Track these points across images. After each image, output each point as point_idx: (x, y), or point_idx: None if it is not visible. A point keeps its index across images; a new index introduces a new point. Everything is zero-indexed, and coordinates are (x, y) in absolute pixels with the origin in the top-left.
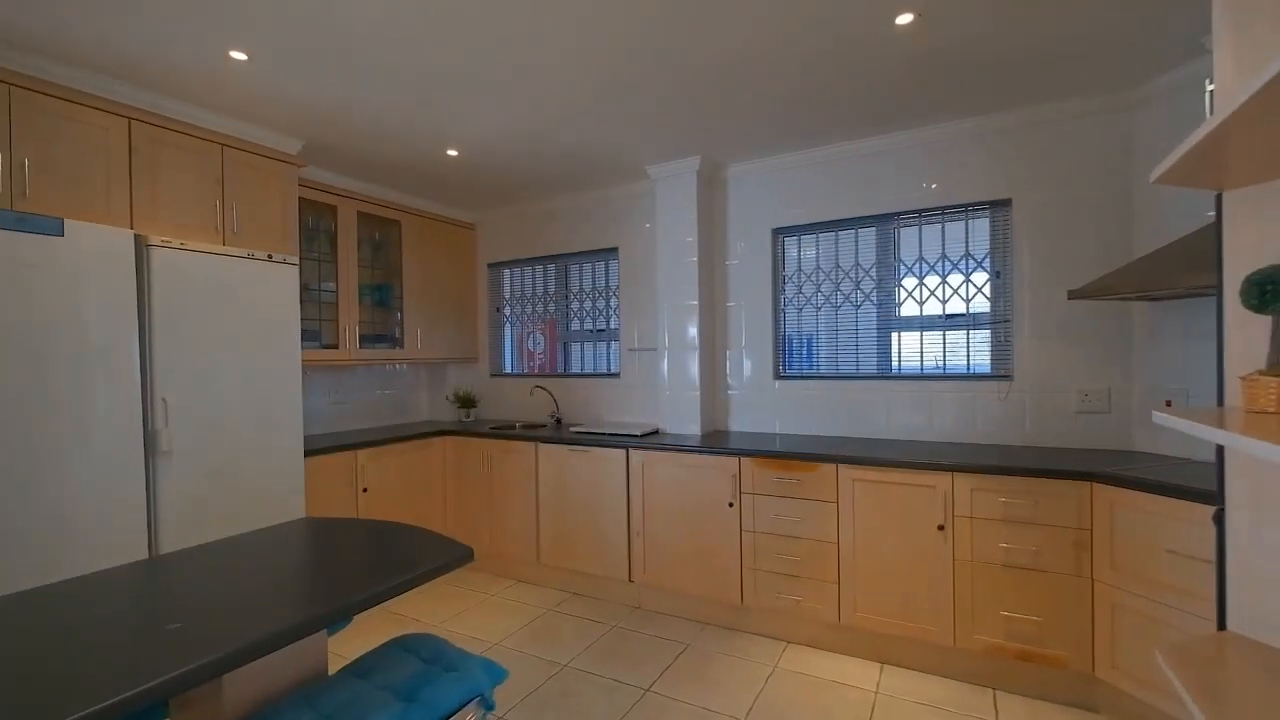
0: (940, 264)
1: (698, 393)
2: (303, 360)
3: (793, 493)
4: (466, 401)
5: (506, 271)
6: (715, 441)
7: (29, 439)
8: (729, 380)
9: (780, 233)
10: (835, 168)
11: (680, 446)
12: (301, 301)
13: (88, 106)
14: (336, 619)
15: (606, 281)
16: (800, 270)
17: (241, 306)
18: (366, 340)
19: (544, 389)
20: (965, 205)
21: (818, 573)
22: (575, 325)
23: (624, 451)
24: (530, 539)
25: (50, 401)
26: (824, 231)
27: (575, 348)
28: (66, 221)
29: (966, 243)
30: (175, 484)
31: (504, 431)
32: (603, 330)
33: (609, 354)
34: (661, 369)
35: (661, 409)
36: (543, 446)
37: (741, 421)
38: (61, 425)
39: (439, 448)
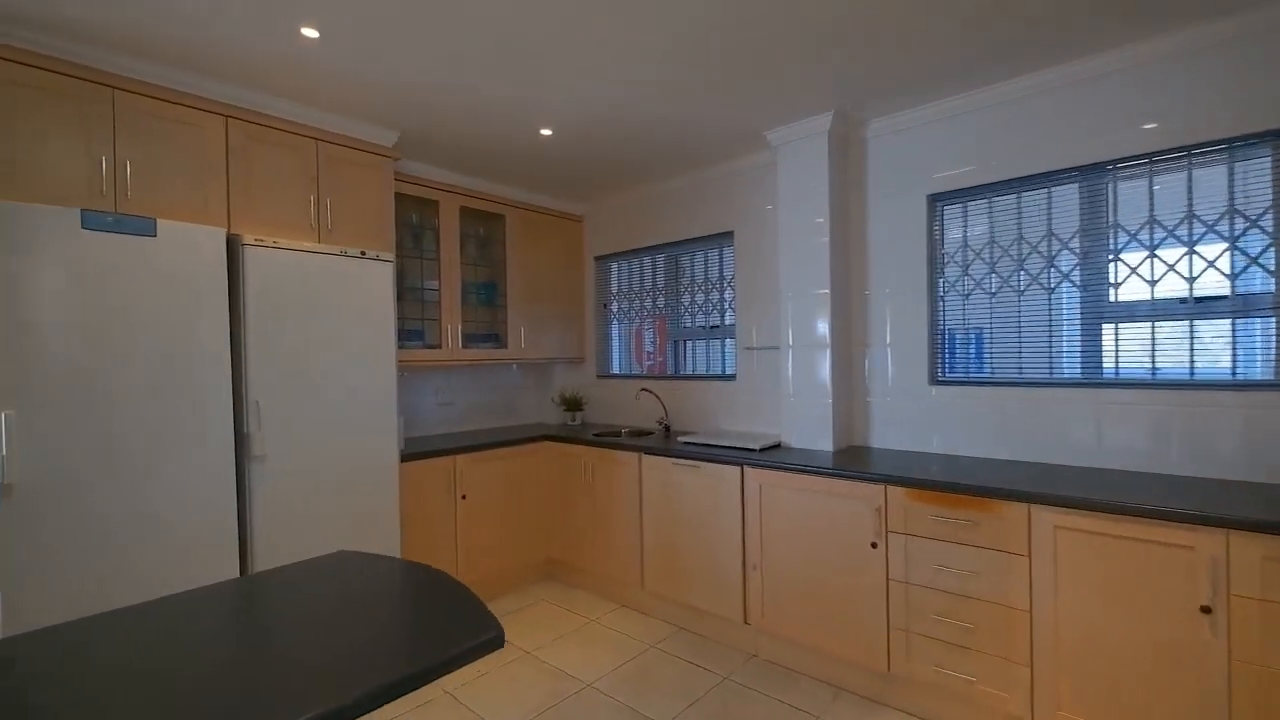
0: (1185, 227)
1: (829, 400)
2: (406, 360)
3: (962, 537)
4: (573, 404)
5: (614, 265)
6: (852, 462)
7: (125, 439)
8: (868, 385)
9: (938, 200)
10: (1015, 110)
11: (808, 467)
12: (405, 300)
13: (185, 106)
14: None
15: (721, 271)
16: (966, 246)
17: (335, 306)
18: (472, 340)
19: (650, 392)
20: (1226, 141)
21: (999, 648)
22: (686, 321)
23: (738, 469)
24: (634, 561)
25: (143, 404)
26: (999, 194)
27: (687, 346)
28: (160, 222)
29: (1230, 194)
30: (268, 489)
31: (606, 439)
32: (716, 327)
33: (723, 353)
34: (785, 371)
35: (785, 418)
36: (646, 458)
37: (886, 436)
38: (155, 428)
39: (540, 453)
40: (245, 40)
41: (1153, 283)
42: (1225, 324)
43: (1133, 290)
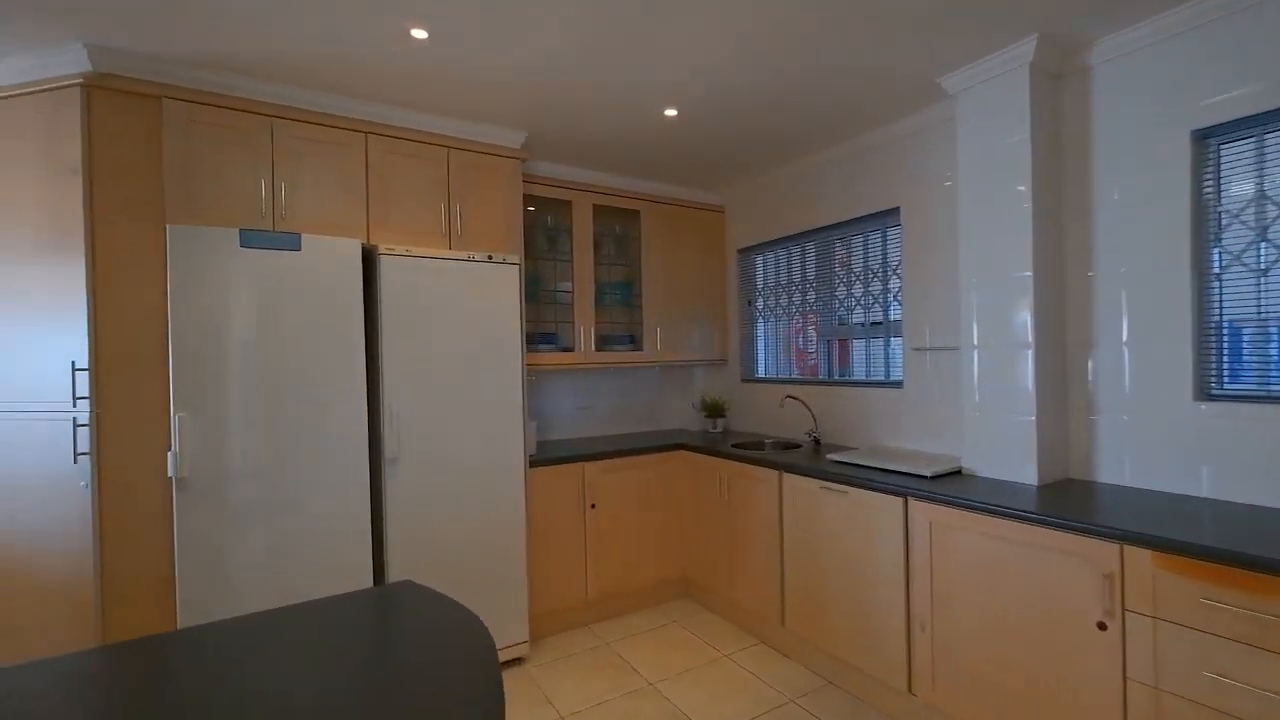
0: None
1: (1032, 416)
2: (538, 363)
3: (1261, 640)
4: (714, 410)
5: (759, 257)
6: (1068, 502)
7: (275, 438)
8: (1094, 398)
9: (1211, 137)
10: None
11: (1000, 507)
12: (539, 303)
13: (330, 127)
14: None
15: (884, 257)
16: (1263, 199)
17: (464, 310)
18: (608, 341)
19: (797, 399)
20: None
21: None
22: (842, 318)
23: (900, 500)
24: (773, 594)
25: (290, 407)
26: None
27: (841, 347)
28: (304, 236)
29: None
30: (400, 489)
31: (745, 451)
32: (878, 323)
33: (887, 354)
34: (967, 376)
35: (967, 437)
36: (787, 477)
37: (1119, 469)
38: (300, 428)
39: (674, 463)
40: (355, 44)
41: None
42: None
43: None
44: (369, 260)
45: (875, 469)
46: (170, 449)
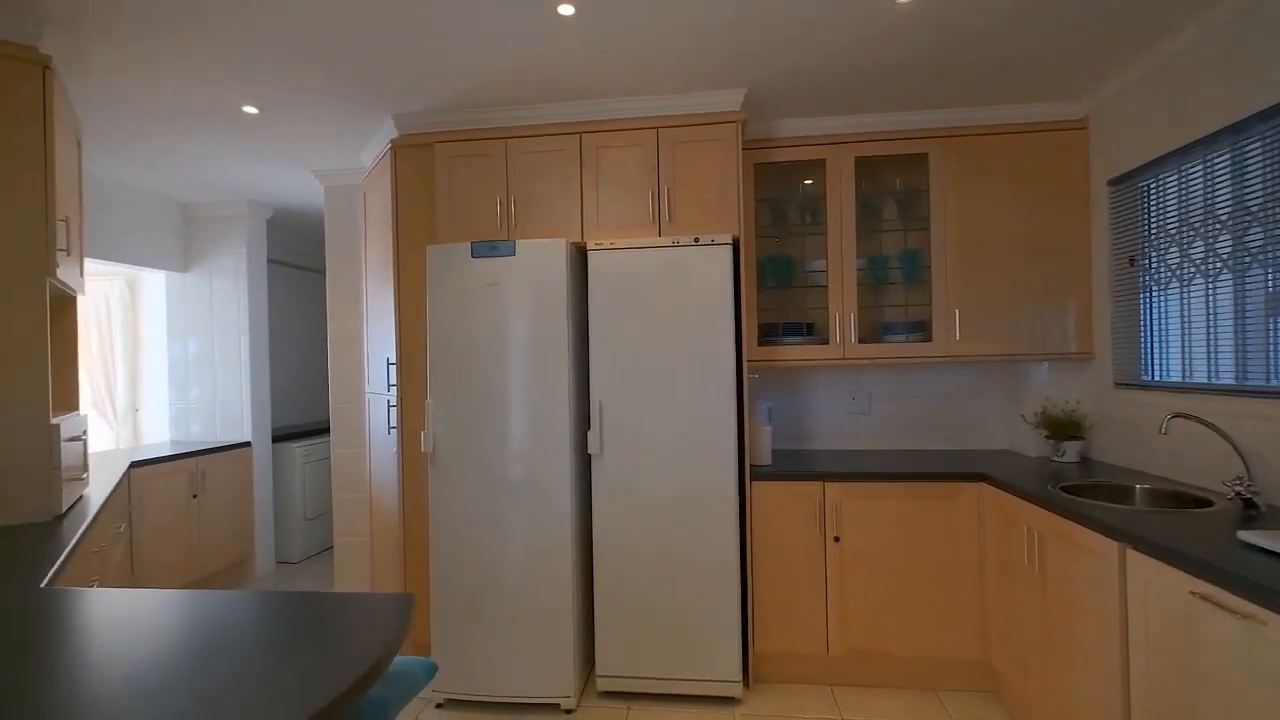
0: None
1: None
2: (781, 359)
3: None
4: (1061, 427)
5: (1150, 185)
6: None
7: (500, 423)
8: None
9: None
10: None
11: None
12: (788, 286)
13: (548, 135)
14: None
15: None
16: None
17: (669, 300)
18: (887, 330)
19: (1198, 420)
20: None
21: None
22: None
23: None
24: None
25: (511, 397)
26: None
27: None
28: (518, 242)
29: None
30: (605, 484)
31: (1070, 499)
32: None
33: None
34: None
35: None
36: (1138, 558)
37: None
38: (519, 417)
39: (965, 498)
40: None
41: None
42: None
43: None
44: (581, 257)
45: None
46: (424, 429)
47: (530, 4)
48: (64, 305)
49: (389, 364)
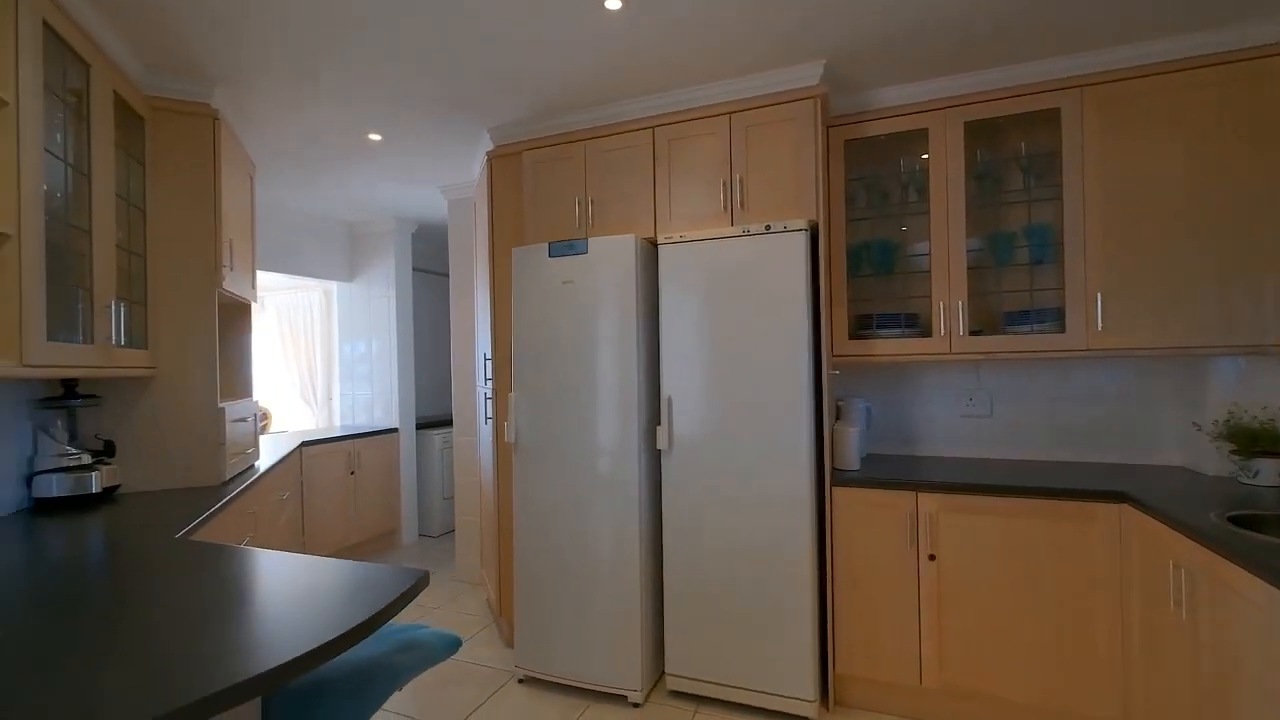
0: None
1: None
2: (873, 354)
3: None
4: (1253, 440)
5: None
6: None
7: (577, 414)
8: None
9: None
10: None
11: None
12: (887, 273)
13: (623, 133)
14: None
15: None
16: None
17: (739, 292)
18: (1014, 320)
19: None
20: None
21: None
22: None
23: None
24: None
25: (584, 391)
26: None
27: None
28: (590, 240)
29: None
30: (674, 481)
31: (1241, 537)
32: None
33: None
34: None
35: None
36: None
37: None
38: (593, 408)
39: (1100, 523)
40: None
41: None
42: None
43: None
44: (652, 252)
45: None
46: (506, 419)
47: (576, 5)
48: (240, 311)
49: (485, 359)
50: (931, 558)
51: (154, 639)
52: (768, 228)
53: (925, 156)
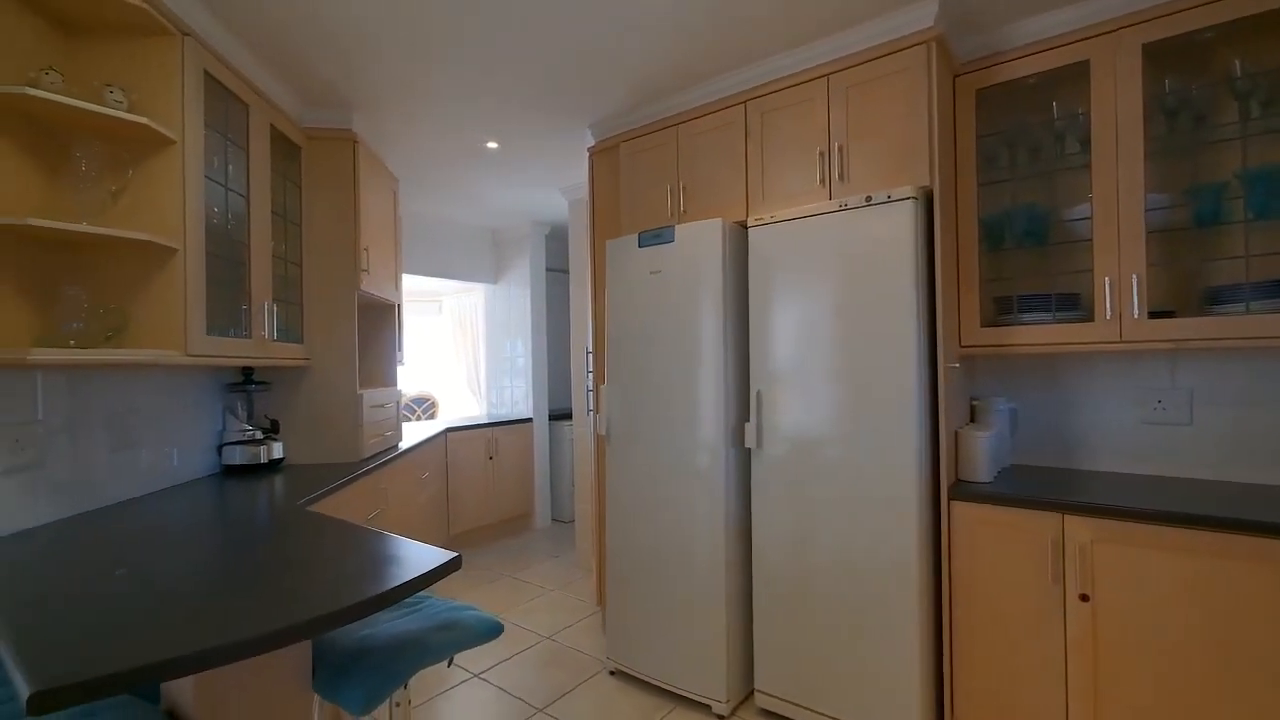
0: None
1: None
2: (1014, 343)
3: None
4: None
5: None
6: None
7: (663, 406)
8: None
9: None
10: None
11: None
12: (1045, 244)
13: (714, 113)
14: None
15: None
16: None
17: (835, 275)
18: (1219, 297)
19: None
20: None
21: None
22: None
23: None
24: None
25: (672, 383)
26: None
27: None
28: (677, 227)
29: None
30: (762, 480)
31: None
32: None
33: None
34: None
35: None
36: None
37: None
38: (679, 401)
39: None
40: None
41: None
42: None
43: None
44: (742, 236)
45: None
46: (597, 412)
47: None
48: (385, 310)
49: (587, 353)
50: (1084, 598)
51: (300, 572)
52: (868, 199)
53: (1086, 97)
